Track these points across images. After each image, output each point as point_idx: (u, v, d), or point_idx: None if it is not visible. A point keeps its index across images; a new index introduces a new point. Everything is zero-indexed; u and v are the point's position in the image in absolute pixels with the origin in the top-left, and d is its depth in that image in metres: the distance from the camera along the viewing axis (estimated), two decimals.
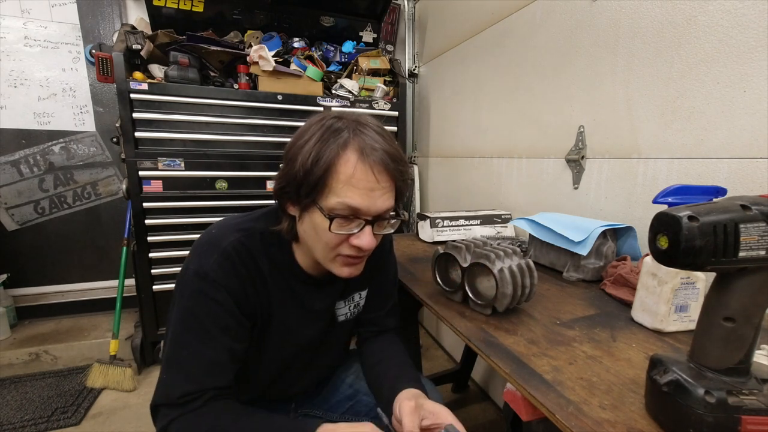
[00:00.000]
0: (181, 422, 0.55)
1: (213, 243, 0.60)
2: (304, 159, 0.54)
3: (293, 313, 0.68)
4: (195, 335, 0.58)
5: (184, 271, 0.60)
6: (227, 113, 1.65)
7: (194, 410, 0.55)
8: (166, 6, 1.63)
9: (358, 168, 0.54)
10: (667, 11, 0.89)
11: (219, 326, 0.58)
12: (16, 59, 1.88)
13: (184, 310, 0.58)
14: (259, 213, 0.68)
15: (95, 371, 1.64)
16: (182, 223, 1.64)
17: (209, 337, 0.58)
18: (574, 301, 0.77)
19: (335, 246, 0.58)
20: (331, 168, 0.54)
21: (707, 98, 0.82)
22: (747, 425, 0.36)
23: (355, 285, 0.77)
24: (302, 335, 0.71)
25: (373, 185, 0.55)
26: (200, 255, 0.59)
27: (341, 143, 0.54)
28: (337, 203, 0.54)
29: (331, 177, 0.54)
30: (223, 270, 0.58)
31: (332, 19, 1.94)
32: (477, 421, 1.53)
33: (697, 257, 0.36)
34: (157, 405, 0.57)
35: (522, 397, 0.51)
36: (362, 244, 0.57)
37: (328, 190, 0.54)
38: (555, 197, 1.25)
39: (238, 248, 0.60)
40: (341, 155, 0.54)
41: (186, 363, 0.57)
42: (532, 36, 1.32)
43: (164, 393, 0.57)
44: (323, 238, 0.58)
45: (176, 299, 0.60)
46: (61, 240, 2.07)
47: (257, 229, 0.64)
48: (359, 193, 0.54)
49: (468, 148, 1.76)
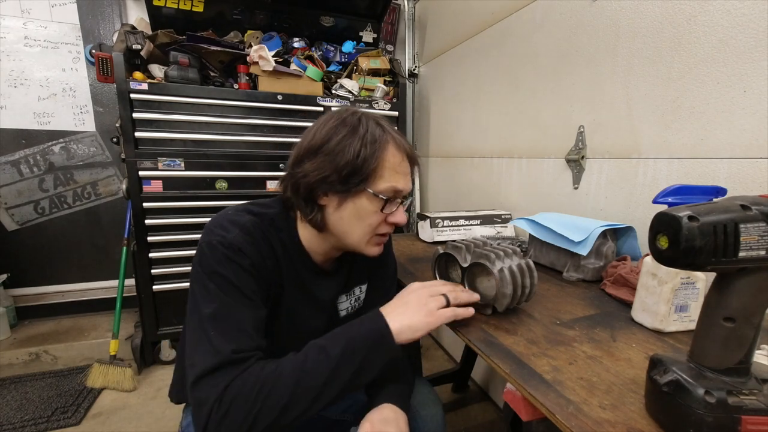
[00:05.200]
0: (247, 377, 0.51)
1: (231, 220, 0.62)
2: (356, 151, 0.61)
3: (300, 300, 0.70)
4: (232, 298, 0.57)
5: (206, 244, 0.59)
6: (227, 113, 1.65)
7: (248, 368, 0.52)
8: (166, 6, 1.63)
9: (397, 157, 0.64)
10: (667, 11, 0.89)
11: (251, 290, 0.59)
12: (16, 59, 1.88)
13: (217, 276, 0.57)
14: (268, 200, 0.71)
15: (95, 371, 1.64)
16: (182, 223, 1.64)
17: (244, 299, 0.58)
18: (574, 301, 0.77)
19: (377, 226, 0.65)
20: (381, 157, 0.62)
21: (707, 98, 0.82)
22: (747, 425, 0.36)
23: (356, 278, 0.79)
24: (308, 324, 0.72)
25: (406, 170, 0.66)
26: (221, 229, 0.60)
27: (385, 139, 0.63)
28: (387, 187, 0.63)
29: (381, 165, 0.62)
30: (246, 241, 0.60)
31: (332, 19, 1.95)
32: (477, 421, 1.53)
33: (697, 257, 0.36)
34: (205, 372, 0.51)
35: (522, 397, 0.51)
36: (401, 220, 0.67)
37: (378, 176, 0.62)
38: (555, 197, 1.25)
39: (256, 226, 0.64)
40: (387, 148, 0.63)
41: (230, 321, 0.55)
42: (532, 36, 1.32)
43: (214, 352, 0.52)
44: (367, 220, 0.64)
45: (202, 268, 0.58)
46: (61, 240, 2.07)
47: (268, 215, 0.67)
48: (401, 178, 0.65)
49: (468, 148, 1.76)
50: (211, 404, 0.49)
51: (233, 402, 0.49)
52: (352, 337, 0.56)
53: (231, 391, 0.50)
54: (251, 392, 0.50)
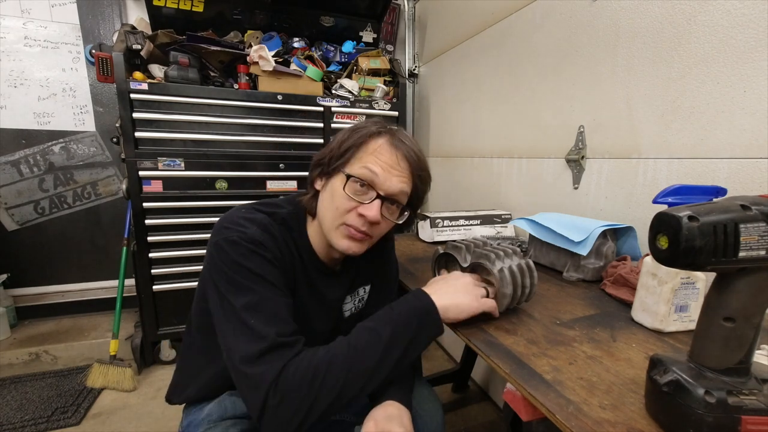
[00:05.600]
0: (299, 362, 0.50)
1: (246, 218, 0.63)
2: (343, 137, 0.64)
3: (309, 300, 0.70)
4: (262, 287, 0.56)
5: (225, 240, 0.58)
6: (227, 113, 1.65)
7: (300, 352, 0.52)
8: (166, 6, 1.63)
9: (385, 147, 0.63)
10: (667, 11, 0.89)
11: (278, 280, 0.59)
12: (16, 59, 1.88)
13: (240, 268, 0.56)
14: (278, 200, 0.72)
15: (95, 371, 1.64)
16: (182, 223, 1.64)
17: (275, 288, 0.58)
18: (574, 301, 0.77)
19: (344, 212, 0.63)
20: (363, 143, 0.63)
21: (707, 98, 0.82)
22: (747, 425, 0.36)
23: (362, 279, 0.80)
24: (315, 324, 0.72)
25: (394, 164, 0.63)
26: (238, 226, 0.60)
27: (375, 131, 0.64)
28: (359, 168, 0.62)
29: (360, 149, 0.63)
30: (265, 237, 0.61)
31: (332, 19, 1.94)
32: (477, 421, 1.53)
33: (697, 257, 0.36)
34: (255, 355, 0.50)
35: (522, 397, 0.51)
36: (369, 214, 0.62)
37: (356, 159, 0.63)
38: (555, 197, 1.25)
39: (271, 224, 0.64)
40: (374, 137, 0.64)
41: (266, 310, 0.54)
42: (532, 36, 1.32)
43: (260, 338, 0.51)
44: (335, 202, 0.63)
45: (224, 264, 0.57)
46: (61, 240, 2.07)
47: (279, 215, 0.67)
48: (380, 165, 0.62)
49: (468, 148, 1.76)
50: (267, 388, 0.49)
51: (289, 391, 0.49)
52: (399, 315, 0.57)
53: (285, 378, 0.49)
54: (305, 380, 0.49)
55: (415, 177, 0.66)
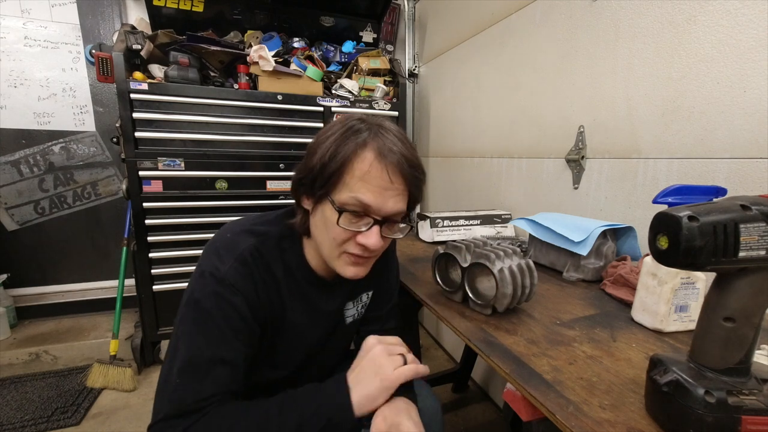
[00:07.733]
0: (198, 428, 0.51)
1: (229, 248, 0.60)
2: (323, 153, 0.56)
3: (304, 316, 0.69)
4: (211, 338, 0.56)
5: (200, 272, 0.59)
6: (227, 113, 1.65)
7: (206, 415, 0.53)
8: (166, 6, 1.63)
9: (374, 166, 0.55)
10: (667, 11, 0.89)
11: (234, 329, 0.57)
12: (16, 59, 1.88)
13: (200, 311, 0.56)
14: (273, 215, 0.69)
15: (95, 371, 1.64)
16: (182, 223, 1.64)
17: (225, 340, 0.57)
18: (574, 301, 0.77)
19: (342, 242, 0.59)
20: (347, 163, 0.55)
21: (707, 98, 0.82)
22: (747, 425, 0.36)
23: (363, 285, 0.78)
24: (311, 335, 0.71)
25: (386, 185, 0.56)
26: (217, 258, 0.59)
27: (360, 142, 0.55)
28: (349, 198, 0.55)
29: (347, 172, 0.55)
30: (239, 275, 0.58)
31: (332, 19, 1.95)
32: (477, 421, 1.53)
33: (697, 257, 0.36)
34: (167, 417, 0.51)
35: (522, 397, 0.51)
36: (369, 243, 0.58)
37: (342, 184, 0.56)
38: (555, 197, 1.25)
39: (254, 254, 0.60)
40: (359, 153, 0.55)
41: (203, 367, 0.55)
42: (532, 36, 1.32)
43: (179, 399, 0.53)
44: (331, 233, 0.58)
45: (190, 301, 0.57)
46: (61, 240, 2.07)
47: (272, 234, 0.64)
48: (372, 190, 0.55)
49: (468, 148, 1.76)
50: None
51: None
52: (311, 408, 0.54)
53: None
54: None
55: (412, 188, 0.60)
